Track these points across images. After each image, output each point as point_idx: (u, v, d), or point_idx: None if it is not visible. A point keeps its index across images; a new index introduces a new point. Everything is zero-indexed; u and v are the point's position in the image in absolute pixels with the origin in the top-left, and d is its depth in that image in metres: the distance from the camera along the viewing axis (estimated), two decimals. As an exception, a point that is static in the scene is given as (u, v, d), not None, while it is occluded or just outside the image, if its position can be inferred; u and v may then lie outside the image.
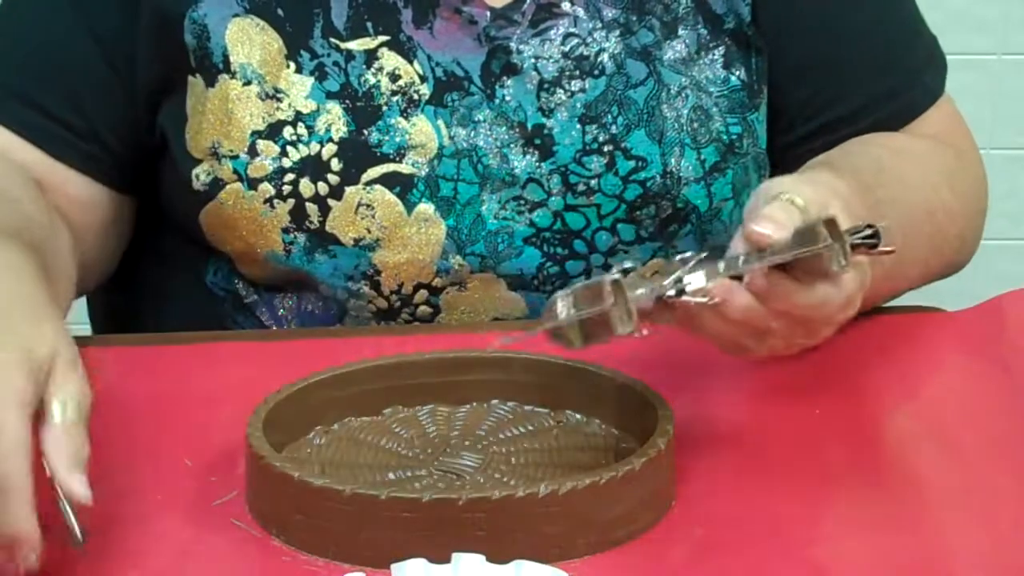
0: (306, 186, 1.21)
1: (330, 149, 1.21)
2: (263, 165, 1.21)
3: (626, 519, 0.94)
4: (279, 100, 1.21)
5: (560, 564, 0.90)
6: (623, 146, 1.22)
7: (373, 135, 1.21)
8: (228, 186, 1.22)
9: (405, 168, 1.21)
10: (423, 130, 1.21)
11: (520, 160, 1.22)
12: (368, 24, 1.22)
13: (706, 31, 1.25)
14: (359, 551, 0.91)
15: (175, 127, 1.24)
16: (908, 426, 1.09)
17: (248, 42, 1.21)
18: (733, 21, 1.25)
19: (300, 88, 1.21)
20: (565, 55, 1.22)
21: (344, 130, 1.21)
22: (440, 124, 1.21)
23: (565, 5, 1.23)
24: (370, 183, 1.21)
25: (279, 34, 1.21)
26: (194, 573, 0.92)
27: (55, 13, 1.24)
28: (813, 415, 1.09)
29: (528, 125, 1.22)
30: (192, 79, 1.23)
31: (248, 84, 1.21)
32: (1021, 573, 0.92)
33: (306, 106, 1.21)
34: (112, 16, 1.23)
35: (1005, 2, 2.28)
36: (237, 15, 1.21)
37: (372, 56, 1.21)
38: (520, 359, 1.08)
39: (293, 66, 1.21)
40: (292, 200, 1.21)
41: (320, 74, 1.21)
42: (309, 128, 1.21)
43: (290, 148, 1.21)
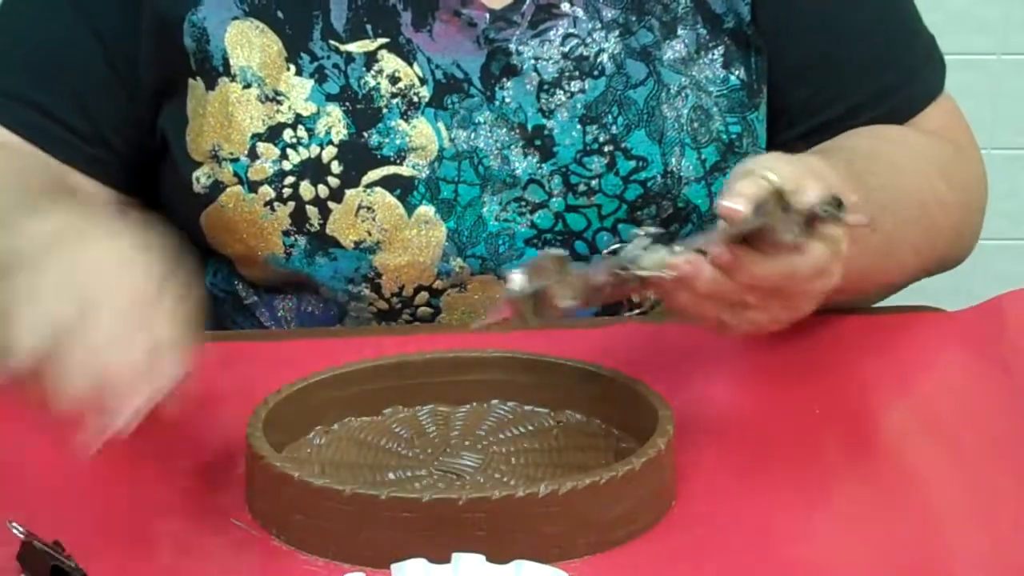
0: (306, 189, 1.21)
1: (330, 152, 1.21)
2: (263, 168, 1.21)
3: (626, 519, 0.94)
4: (279, 103, 1.21)
5: (560, 564, 0.90)
6: (623, 146, 1.22)
7: (373, 137, 1.21)
8: (228, 189, 1.22)
9: (405, 170, 1.21)
10: (423, 132, 1.21)
11: (521, 161, 1.22)
12: (367, 26, 1.22)
13: (705, 31, 1.25)
14: (359, 551, 0.91)
15: (175, 129, 1.24)
16: (908, 426, 1.09)
17: (248, 45, 1.21)
18: (732, 21, 1.25)
19: (300, 91, 1.21)
20: (565, 56, 1.22)
21: (344, 133, 1.21)
22: (440, 126, 1.21)
23: (564, 6, 1.23)
24: (370, 185, 1.21)
25: (279, 36, 1.21)
26: (194, 573, 0.92)
27: (56, 13, 1.24)
28: (813, 415, 1.09)
29: (528, 126, 1.22)
30: (192, 82, 1.23)
31: (248, 87, 1.21)
32: (1021, 573, 0.92)
33: (306, 108, 1.21)
34: (113, 16, 1.23)
35: (1005, 2, 2.28)
36: (236, 18, 1.21)
37: (372, 58, 1.21)
38: (520, 359, 1.08)
39: (293, 68, 1.21)
40: (292, 203, 1.21)
41: (320, 76, 1.21)
42: (309, 131, 1.21)
43: (290, 151, 1.21)
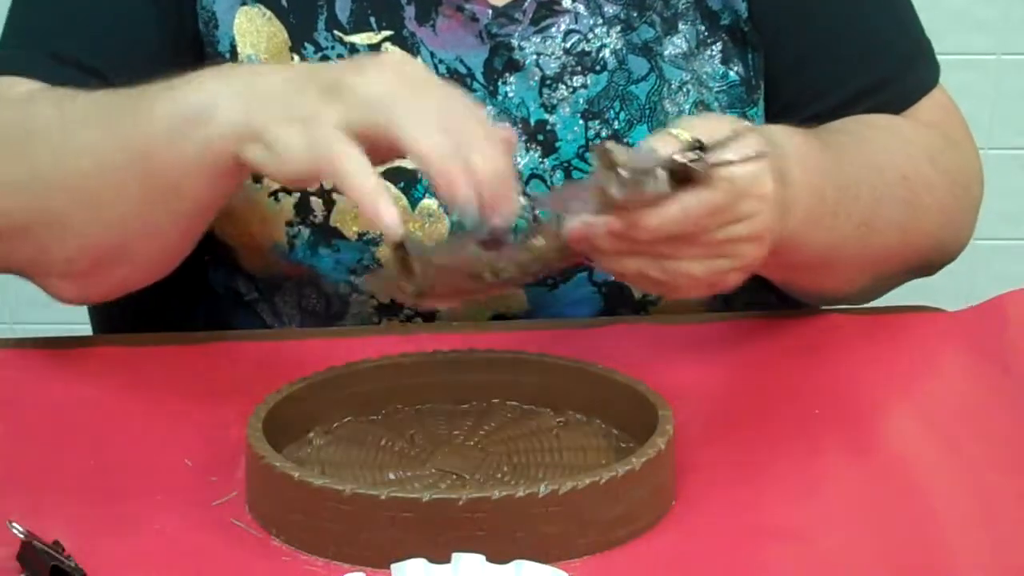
0: None
1: None
2: None
3: (626, 519, 0.94)
4: None
5: (560, 564, 0.90)
6: (625, 141, 1.22)
7: None
8: None
9: (409, 163, 1.21)
10: None
11: (523, 156, 1.22)
12: (371, 18, 1.22)
13: (704, 27, 1.25)
14: (359, 551, 0.91)
15: None
16: (908, 426, 1.09)
17: (255, 32, 1.21)
18: (729, 18, 1.25)
19: None
20: (567, 51, 1.22)
21: None
22: None
23: (566, 2, 1.23)
24: None
25: (283, 24, 1.21)
26: (194, 573, 0.92)
27: None
28: (812, 415, 1.09)
29: (531, 121, 1.22)
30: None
31: None
32: (1021, 573, 0.92)
33: None
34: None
35: (1005, 2, 2.28)
36: (245, 3, 1.21)
37: (376, 51, 1.21)
38: (521, 359, 1.09)
39: (297, 58, 1.21)
40: (297, 193, 1.21)
41: None
42: None
43: None
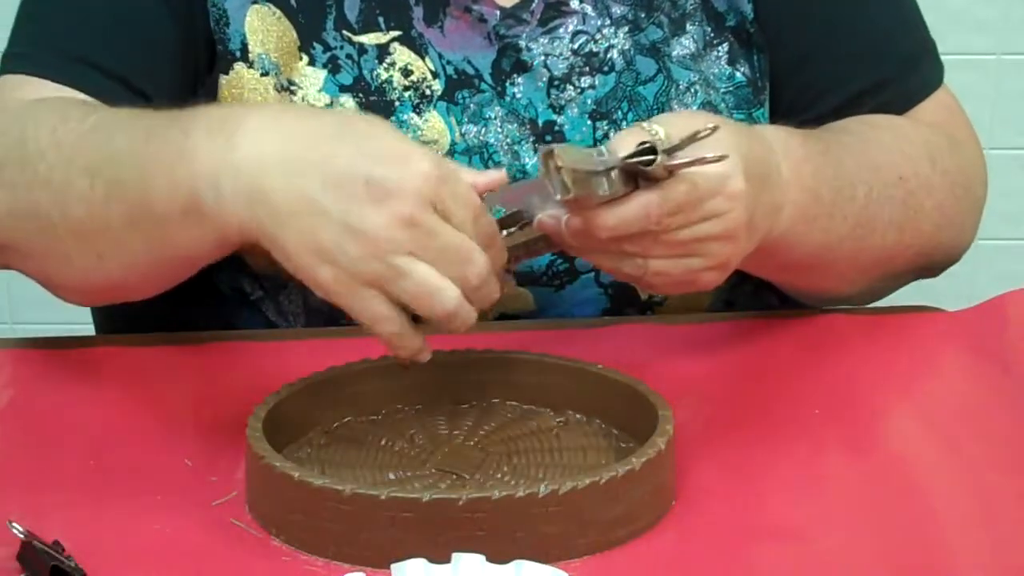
0: None
1: None
2: None
3: (626, 519, 0.94)
4: (292, 93, 1.21)
5: (560, 564, 0.90)
6: None
7: None
8: None
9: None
10: (435, 126, 1.21)
11: (531, 157, 1.22)
12: (380, 18, 1.22)
13: (710, 28, 1.25)
14: (359, 551, 0.91)
15: None
16: (908, 426, 1.09)
17: (265, 31, 1.21)
18: (735, 19, 1.25)
19: (313, 81, 1.21)
20: (575, 52, 1.22)
21: None
22: (452, 121, 1.22)
23: (574, 3, 1.23)
24: None
25: (292, 24, 1.21)
26: (194, 573, 0.92)
27: None
28: (813, 415, 1.09)
29: (539, 122, 1.22)
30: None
31: (266, 75, 1.21)
32: (1021, 573, 0.92)
33: (319, 99, 1.21)
34: None
35: (1005, 2, 2.28)
36: (255, 2, 1.21)
37: (384, 51, 1.21)
38: (521, 359, 1.08)
39: (306, 58, 1.21)
40: None
41: (333, 67, 1.21)
42: None
43: None
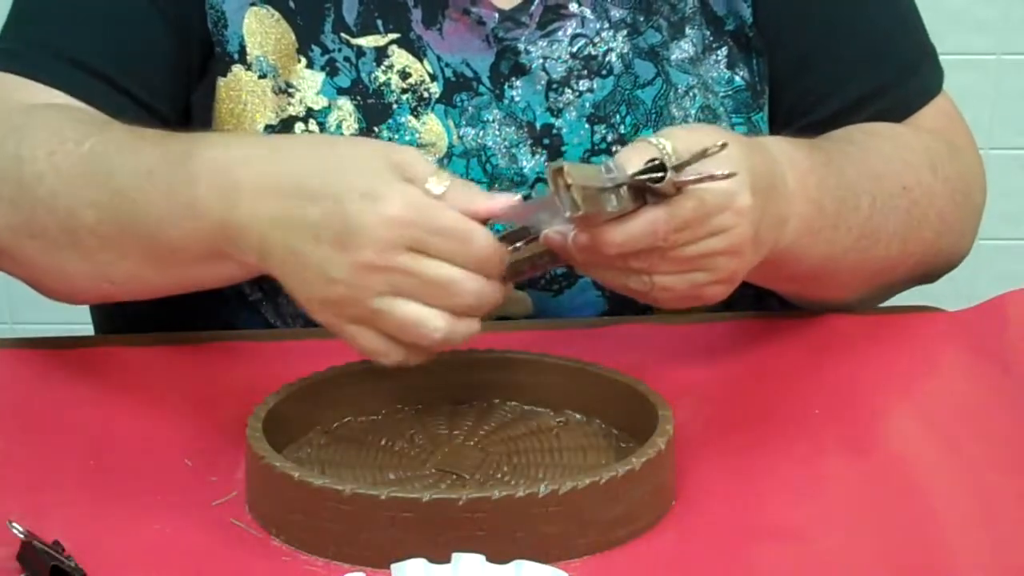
0: None
1: None
2: None
3: (626, 519, 0.94)
4: (290, 95, 1.21)
5: (560, 564, 0.90)
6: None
7: (384, 133, 1.21)
8: None
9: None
10: (433, 129, 1.21)
11: (529, 160, 1.22)
12: (378, 21, 1.22)
13: (709, 32, 1.25)
14: (359, 551, 0.91)
15: (202, 112, 1.23)
16: (908, 426, 1.09)
17: (263, 33, 1.21)
18: (734, 23, 1.25)
19: (311, 83, 1.21)
20: (573, 55, 1.22)
21: (355, 127, 1.20)
22: (450, 123, 1.21)
23: (572, 6, 1.23)
24: None
25: (291, 26, 1.21)
26: (194, 573, 0.92)
27: None
28: (813, 415, 1.09)
29: (537, 125, 1.22)
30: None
31: (263, 77, 1.21)
32: (1021, 573, 0.92)
33: (317, 102, 1.21)
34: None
35: (1005, 2, 2.28)
36: (254, 4, 1.21)
37: (382, 53, 1.21)
38: (521, 359, 1.08)
39: (304, 61, 1.21)
40: None
41: (331, 69, 1.21)
42: (320, 124, 1.20)
43: None
